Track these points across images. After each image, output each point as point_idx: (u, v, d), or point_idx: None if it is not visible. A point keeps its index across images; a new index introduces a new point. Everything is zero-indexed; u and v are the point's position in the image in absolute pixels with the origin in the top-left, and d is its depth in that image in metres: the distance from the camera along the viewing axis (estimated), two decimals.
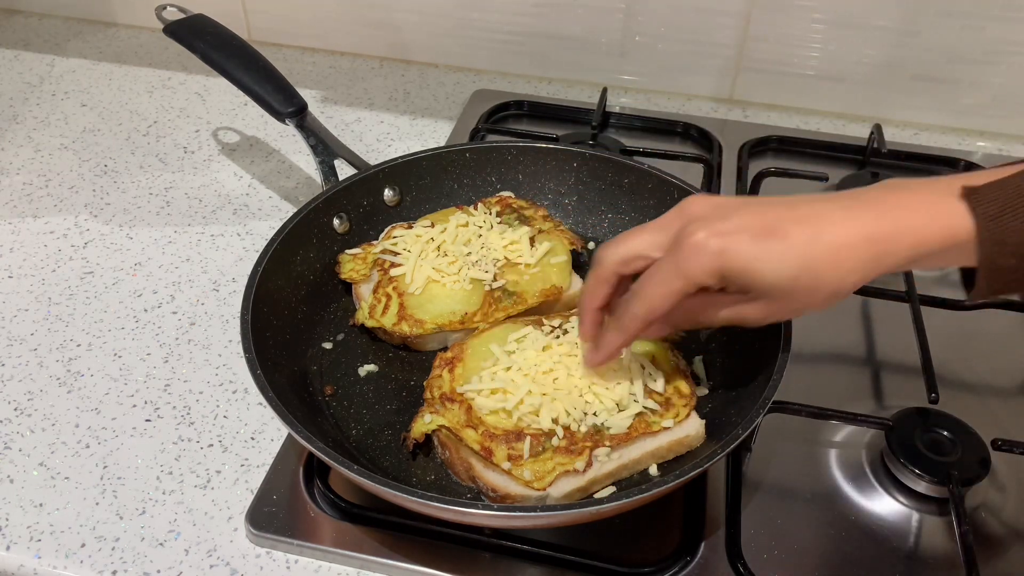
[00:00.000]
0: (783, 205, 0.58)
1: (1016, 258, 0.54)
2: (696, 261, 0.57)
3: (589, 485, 0.66)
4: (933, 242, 0.55)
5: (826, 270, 0.56)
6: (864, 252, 0.56)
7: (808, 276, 0.56)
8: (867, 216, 0.56)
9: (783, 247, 0.56)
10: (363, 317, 0.80)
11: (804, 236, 0.56)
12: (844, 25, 1.09)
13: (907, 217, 0.56)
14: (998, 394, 0.80)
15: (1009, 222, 0.53)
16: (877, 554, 0.67)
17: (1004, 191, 0.54)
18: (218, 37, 0.92)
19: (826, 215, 0.57)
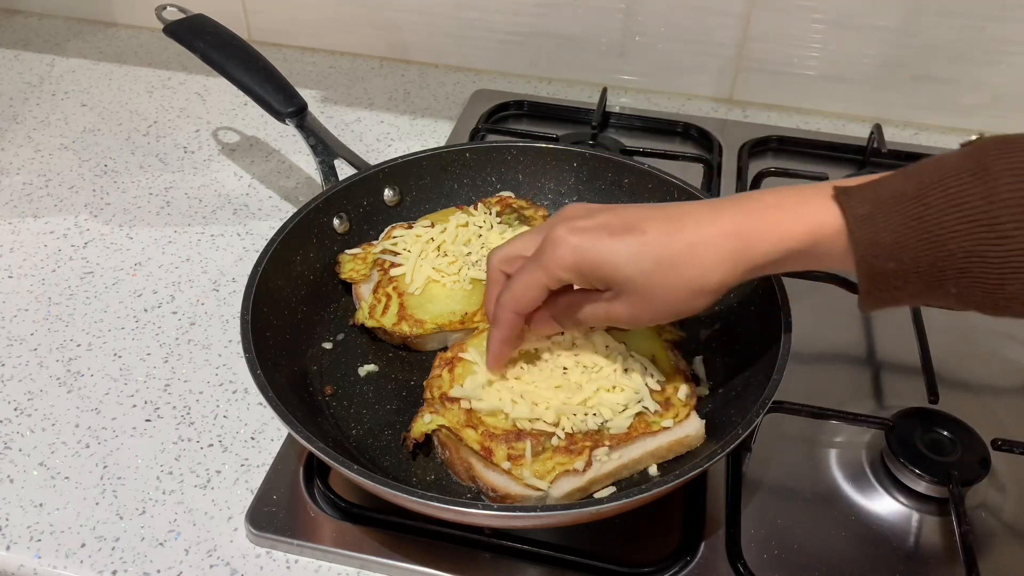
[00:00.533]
0: (652, 208, 0.60)
1: (895, 261, 0.53)
2: (553, 254, 0.59)
3: (589, 485, 0.66)
4: (798, 238, 0.56)
5: (684, 264, 0.57)
6: (724, 247, 0.57)
7: (665, 271, 0.57)
8: (732, 214, 0.57)
9: (639, 242, 0.57)
10: (363, 317, 0.80)
11: (662, 232, 0.57)
12: (844, 25, 1.09)
13: (772, 215, 0.56)
14: (998, 394, 0.80)
15: (880, 222, 0.53)
16: (877, 554, 0.67)
17: (876, 192, 0.54)
18: (218, 37, 0.92)
19: (691, 214, 0.58)
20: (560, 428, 0.67)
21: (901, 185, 0.54)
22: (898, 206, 0.53)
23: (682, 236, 0.57)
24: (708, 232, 0.57)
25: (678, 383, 0.72)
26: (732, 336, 0.78)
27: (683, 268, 0.57)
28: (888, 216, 0.53)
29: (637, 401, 0.69)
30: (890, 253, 0.53)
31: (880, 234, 0.53)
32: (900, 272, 0.54)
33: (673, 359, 0.74)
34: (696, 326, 0.82)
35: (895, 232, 0.53)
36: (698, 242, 0.57)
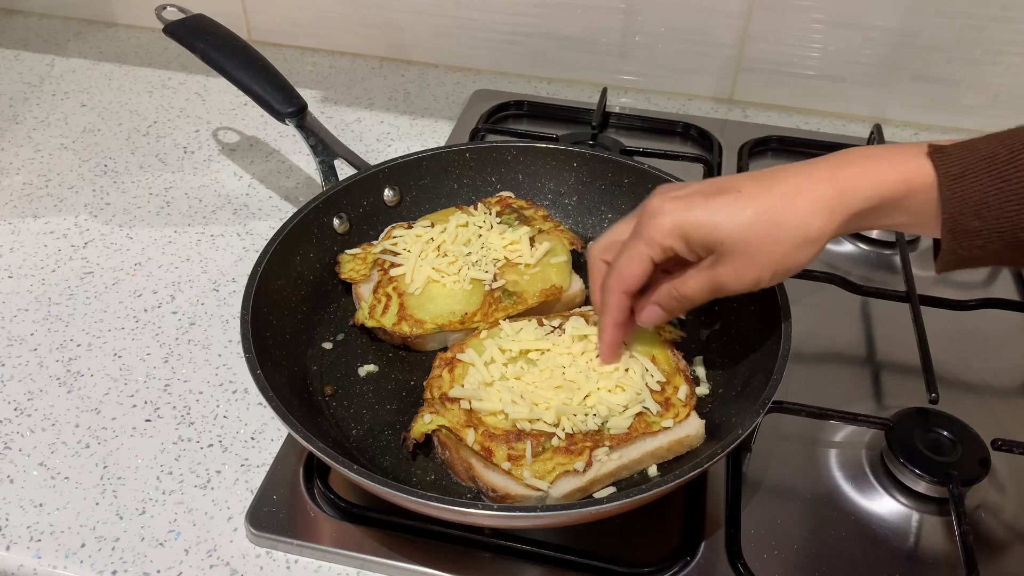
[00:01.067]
0: (744, 173, 0.62)
1: (979, 220, 0.55)
2: (654, 224, 0.60)
3: (589, 485, 0.66)
4: (893, 186, 0.57)
5: (783, 214, 0.57)
6: (821, 194, 0.57)
7: (764, 223, 0.58)
8: (827, 164, 0.59)
9: (736, 198, 0.58)
10: (363, 317, 0.80)
11: (757, 187, 0.59)
12: (844, 25, 1.09)
13: (868, 164, 0.58)
14: (998, 394, 0.80)
15: (971, 182, 0.55)
16: (877, 554, 0.67)
17: (970, 153, 0.56)
18: (218, 37, 0.92)
19: (784, 170, 0.59)
20: (560, 428, 0.67)
21: (994, 148, 0.55)
22: (989, 167, 0.55)
23: (778, 188, 0.58)
24: (804, 181, 0.58)
25: (678, 383, 0.72)
26: (732, 336, 0.78)
27: (782, 218, 0.57)
28: (978, 176, 0.55)
29: (638, 402, 0.69)
30: (976, 211, 0.55)
31: (969, 193, 0.55)
32: (984, 231, 0.55)
33: (673, 359, 0.74)
34: (696, 326, 0.82)
35: (984, 192, 0.55)
36: (794, 191, 0.58)
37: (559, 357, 0.72)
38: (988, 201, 0.55)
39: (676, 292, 0.64)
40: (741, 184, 0.59)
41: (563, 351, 0.72)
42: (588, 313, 0.77)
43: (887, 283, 0.89)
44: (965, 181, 0.55)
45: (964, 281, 0.92)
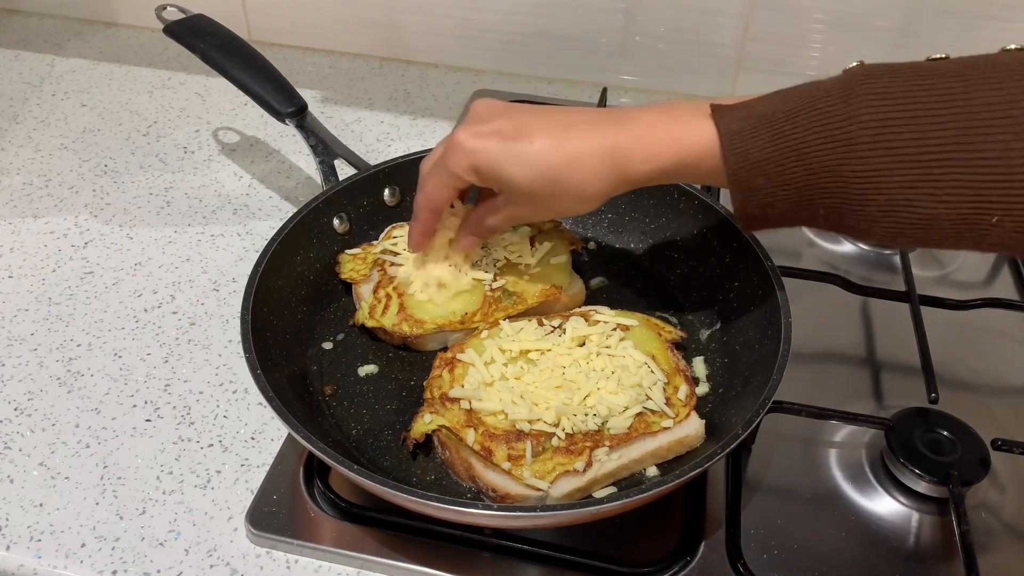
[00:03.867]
0: (544, 112, 0.65)
1: (764, 177, 0.57)
2: (454, 158, 0.65)
3: (589, 485, 0.66)
4: (668, 157, 0.60)
5: (567, 176, 0.62)
6: (602, 162, 0.61)
7: (550, 180, 0.63)
8: (611, 130, 0.61)
9: (527, 150, 0.62)
10: (363, 317, 0.80)
11: (547, 143, 0.62)
12: (844, 25, 1.09)
13: (647, 133, 0.61)
14: (998, 394, 0.80)
15: (750, 139, 0.57)
16: (877, 554, 0.67)
17: (749, 110, 0.58)
18: (218, 37, 0.92)
19: (575, 126, 0.62)
20: (560, 428, 0.67)
21: (774, 105, 0.57)
22: (769, 124, 0.56)
23: (564, 149, 0.62)
24: (587, 146, 0.61)
25: (678, 383, 0.72)
26: (732, 336, 0.78)
27: (564, 179, 0.62)
28: (757, 133, 0.57)
29: (639, 402, 0.69)
30: (759, 168, 0.57)
31: (750, 149, 0.57)
32: (769, 187, 0.57)
33: (673, 359, 0.74)
34: (696, 326, 0.82)
35: (764, 148, 0.56)
36: (577, 155, 0.62)
37: (559, 357, 0.72)
38: (769, 157, 0.56)
39: (483, 224, 0.72)
40: (534, 133, 0.62)
41: (563, 351, 0.72)
42: (588, 313, 0.77)
43: (887, 283, 0.89)
44: (744, 138, 0.57)
45: (964, 281, 0.92)
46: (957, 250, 0.75)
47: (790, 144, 0.55)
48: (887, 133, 0.53)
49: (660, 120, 0.61)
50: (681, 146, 0.60)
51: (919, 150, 0.52)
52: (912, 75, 0.54)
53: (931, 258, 0.95)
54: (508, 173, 0.63)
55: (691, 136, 0.59)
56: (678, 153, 0.60)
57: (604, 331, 0.74)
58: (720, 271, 0.82)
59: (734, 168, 0.58)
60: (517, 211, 0.68)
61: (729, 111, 0.58)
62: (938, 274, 0.93)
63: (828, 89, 0.56)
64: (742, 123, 0.57)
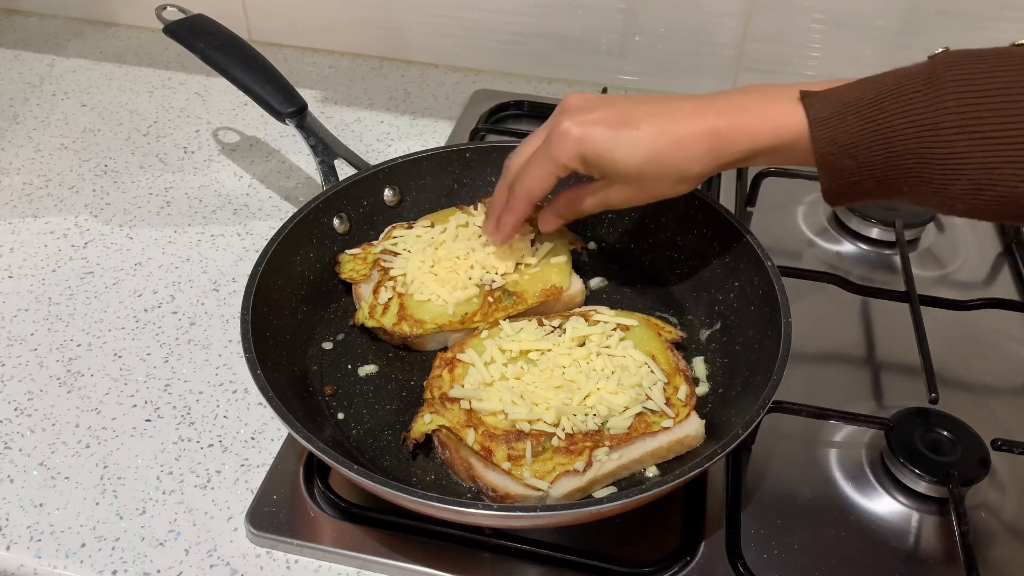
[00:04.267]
0: (644, 101, 0.68)
1: (851, 159, 0.60)
2: (561, 146, 0.67)
3: (589, 485, 0.66)
4: (764, 139, 0.64)
5: (672, 158, 0.65)
6: (704, 144, 0.65)
7: (656, 163, 0.66)
8: (710, 114, 0.65)
9: (635, 136, 0.65)
10: (363, 317, 0.80)
11: (654, 128, 0.65)
12: (844, 25, 1.09)
13: (744, 117, 0.64)
14: (998, 394, 0.80)
15: (838, 124, 0.60)
16: (877, 554, 0.67)
17: (838, 97, 0.61)
18: (218, 37, 0.92)
19: (676, 112, 0.66)
20: (560, 428, 0.67)
21: (862, 91, 0.60)
22: (856, 110, 0.59)
23: (670, 133, 0.65)
24: (691, 130, 0.65)
25: (678, 383, 0.72)
26: (732, 336, 0.78)
27: (669, 161, 0.66)
28: (845, 119, 0.60)
29: (639, 402, 0.69)
30: (847, 152, 0.60)
31: (838, 134, 0.60)
32: (856, 169, 0.60)
33: (673, 359, 0.74)
34: (696, 326, 0.82)
35: (851, 133, 0.59)
36: (682, 139, 0.65)
37: (559, 357, 0.72)
38: (856, 141, 0.59)
39: (573, 206, 0.74)
40: (640, 118, 0.66)
41: (563, 351, 0.72)
42: (588, 313, 0.77)
43: (887, 283, 0.89)
44: (833, 123, 0.60)
45: (964, 281, 0.92)
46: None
47: (877, 129, 0.58)
48: (971, 117, 0.55)
49: (755, 104, 0.64)
50: (776, 129, 0.63)
51: (1002, 133, 0.54)
52: (996, 61, 0.56)
53: (931, 258, 0.95)
54: (617, 158, 0.66)
55: (784, 120, 0.62)
56: (773, 136, 0.63)
57: (604, 331, 0.74)
58: (720, 271, 0.81)
59: (822, 152, 0.61)
60: (615, 195, 0.70)
61: (818, 97, 0.61)
62: (938, 274, 0.93)
63: (913, 76, 0.58)
64: (831, 109, 0.60)
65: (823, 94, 0.62)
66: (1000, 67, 0.55)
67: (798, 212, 1.00)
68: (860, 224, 0.96)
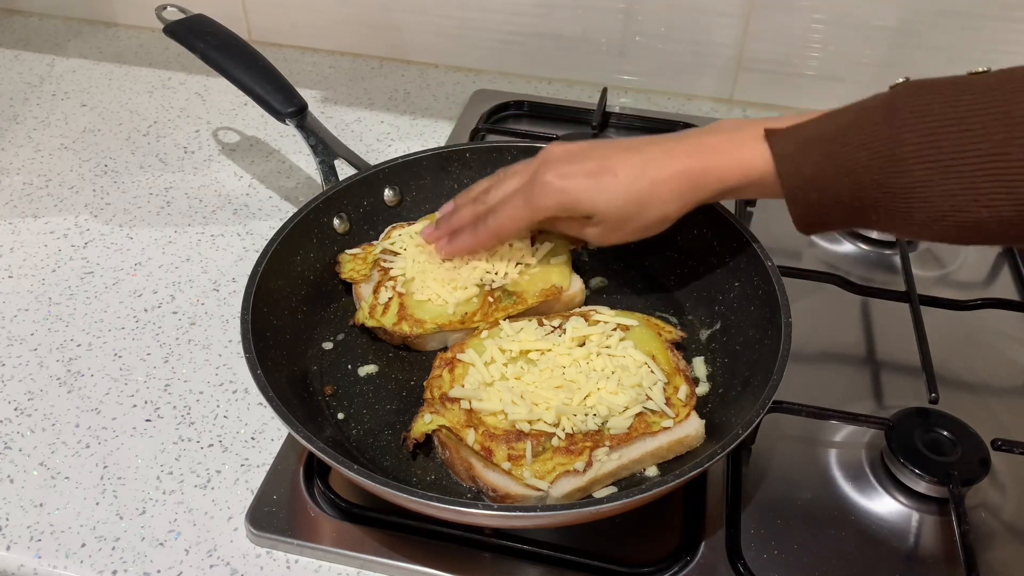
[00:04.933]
0: (620, 148, 0.71)
1: (817, 192, 0.62)
2: (543, 198, 0.70)
3: (589, 485, 0.66)
4: (734, 179, 0.66)
5: (649, 200, 0.69)
6: (678, 185, 0.68)
7: (634, 204, 0.69)
8: (681, 156, 0.68)
9: (614, 182, 0.69)
10: (363, 317, 0.80)
11: (631, 173, 0.69)
12: (844, 25, 1.09)
13: (713, 158, 0.67)
14: (998, 394, 0.80)
15: (802, 159, 0.62)
16: (877, 554, 0.67)
17: (801, 133, 0.63)
18: (218, 37, 0.92)
19: (651, 156, 0.69)
20: (560, 428, 0.67)
21: (823, 126, 0.62)
22: (819, 145, 0.62)
23: (646, 177, 0.68)
24: (665, 173, 0.68)
25: (678, 383, 0.72)
26: (732, 336, 0.78)
27: (647, 203, 0.69)
28: (808, 154, 0.62)
29: (639, 402, 0.69)
30: (812, 185, 0.62)
31: (803, 169, 0.62)
32: (823, 201, 0.62)
33: (673, 359, 0.74)
34: (696, 326, 0.82)
35: (816, 167, 0.62)
36: (658, 181, 0.68)
37: (559, 357, 0.72)
38: (820, 174, 0.61)
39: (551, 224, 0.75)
40: (617, 166, 0.69)
41: (563, 351, 0.72)
42: (588, 313, 0.77)
43: (887, 283, 0.89)
44: (796, 159, 0.62)
45: (964, 281, 0.92)
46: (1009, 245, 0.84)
47: (840, 163, 0.60)
48: (929, 148, 0.57)
49: (723, 143, 0.67)
50: (744, 168, 0.66)
51: (960, 163, 0.56)
52: (952, 90, 0.58)
53: (931, 258, 0.95)
54: (599, 203, 0.69)
55: (751, 158, 0.65)
56: (741, 175, 0.66)
57: (604, 331, 0.74)
58: (720, 271, 0.81)
59: (789, 187, 0.63)
60: (590, 232, 0.73)
61: (782, 135, 0.64)
62: (938, 274, 0.93)
63: (873, 109, 0.60)
64: (794, 145, 0.63)
65: (787, 131, 0.64)
66: (956, 97, 0.57)
67: None
68: None
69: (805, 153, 0.62)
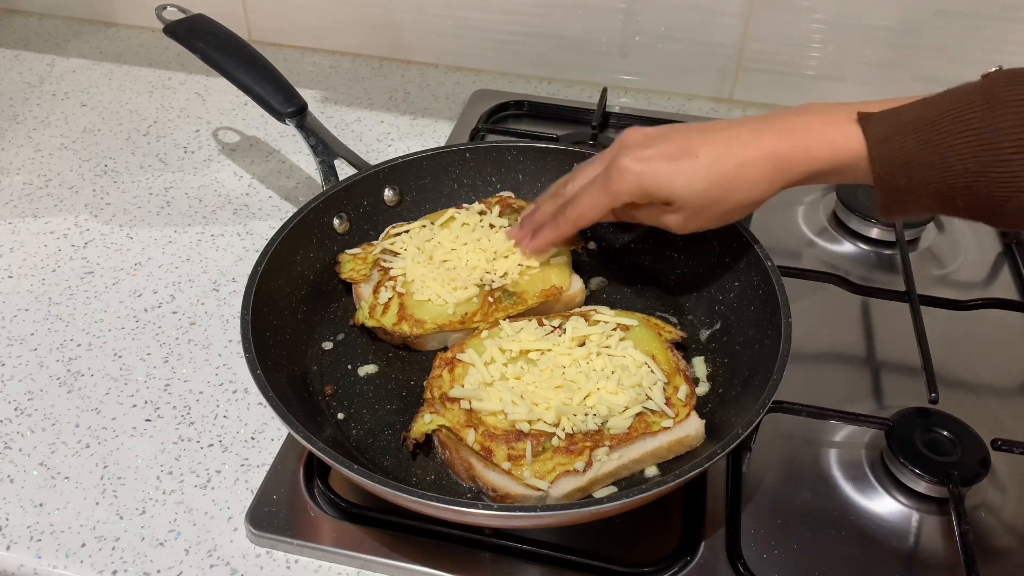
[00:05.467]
0: (701, 130, 0.69)
1: (907, 178, 0.61)
2: (620, 183, 0.69)
3: (589, 485, 0.66)
4: (825, 161, 0.64)
5: (734, 183, 0.66)
6: (766, 167, 0.66)
7: (718, 188, 0.67)
8: (771, 138, 0.66)
9: (695, 165, 0.67)
10: (363, 317, 0.80)
11: (714, 154, 0.66)
12: (844, 25, 1.09)
13: (804, 139, 0.65)
14: (998, 394, 0.80)
15: (896, 145, 0.61)
16: (877, 554, 0.67)
17: (895, 118, 0.62)
18: (218, 37, 0.92)
19: (735, 137, 0.67)
20: (560, 428, 0.67)
21: (919, 112, 0.61)
22: (914, 131, 0.60)
23: (731, 159, 0.66)
24: (752, 154, 0.66)
25: (678, 383, 0.72)
26: (732, 336, 0.78)
27: (731, 187, 0.67)
28: (903, 139, 0.60)
29: (639, 402, 0.69)
30: (903, 171, 0.61)
31: (896, 154, 0.61)
32: (912, 187, 0.61)
33: (673, 359, 0.74)
34: (696, 326, 0.82)
35: (909, 154, 0.60)
36: (744, 163, 0.66)
37: (559, 357, 0.72)
38: (913, 161, 0.60)
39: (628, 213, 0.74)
40: (699, 148, 0.67)
41: (563, 351, 0.72)
42: (588, 313, 0.77)
43: (887, 283, 0.89)
44: (891, 144, 0.61)
45: (964, 281, 0.92)
46: None
47: (935, 149, 0.59)
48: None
49: (815, 125, 0.65)
50: (835, 151, 0.64)
51: None
52: None
53: (931, 258, 0.95)
54: (678, 187, 0.67)
55: (843, 141, 0.63)
56: (833, 156, 0.64)
57: (604, 331, 0.74)
58: (720, 271, 0.81)
59: (879, 171, 0.62)
60: (669, 219, 0.71)
61: (877, 119, 0.62)
62: (938, 274, 0.93)
63: (970, 96, 0.59)
64: (889, 130, 0.61)
65: (881, 115, 0.62)
66: None
67: (798, 212, 1.00)
68: (860, 224, 0.96)
69: (900, 138, 0.61)
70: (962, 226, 0.99)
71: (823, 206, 1.00)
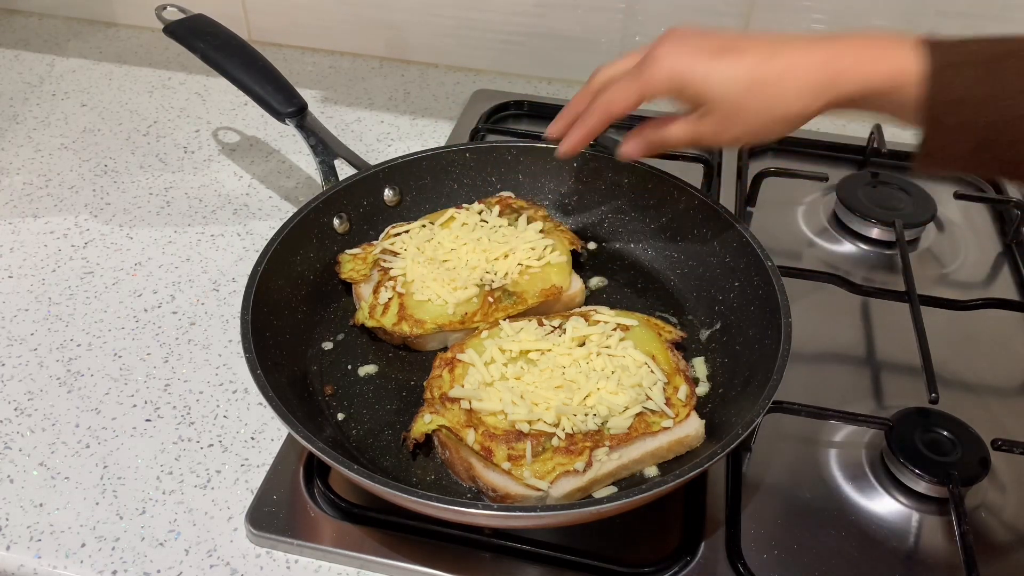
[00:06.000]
0: (754, 35, 0.64)
1: (956, 116, 0.58)
2: (653, 69, 0.65)
3: (589, 485, 0.66)
4: (878, 81, 0.60)
5: (775, 89, 0.61)
6: (813, 77, 0.61)
7: (757, 93, 0.62)
8: (825, 47, 0.61)
9: (737, 61, 0.62)
10: (363, 317, 0.80)
11: (760, 55, 0.62)
12: (844, 25, 1.09)
13: (862, 55, 0.60)
14: (998, 394, 0.80)
15: (954, 76, 0.57)
16: (877, 554, 0.67)
17: (959, 48, 0.58)
18: (218, 37, 0.92)
19: (790, 44, 0.62)
20: (560, 428, 0.67)
21: (983, 47, 0.58)
22: (974, 67, 0.57)
23: (778, 61, 0.61)
24: (801, 61, 0.61)
25: (678, 383, 0.72)
26: (732, 336, 0.78)
27: (772, 92, 0.61)
28: (962, 72, 0.57)
29: (639, 402, 0.69)
30: (955, 108, 0.57)
31: (954, 86, 0.57)
32: (960, 127, 0.58)
33: (673, 359, 0.74)
34: (696, 326, 0.82)
35: (966, 88, 0.57)
36: (790, 68, 0.61)
37: (559, 357, 0.72)
38: (966, 98, 0.57)
39: (660, 134, 0.70)
40: (747, 47, 0.62)
41: (563, 351, 0.72)
42: (588, 313, 0.77)
43: (887, 283, 0.89)
44: (949, 74, 0.57)
45: (964, 281, 0.92)
46: None
47: (990, 88, 0.56)
48: None
49: (876, 44, 0.60)
50: (893, 72, 0.59)
51: None
52: None
53: (931, 258, 0.95)
54: (715, 84, 0.62)
55: (903, 64, 0.59)
56: (889, 77, 0.59)
57: (604, 331, 0.74)
58: (720, 271, 0.82)
59: (932, 103, 0.58)
60: (703, 127, 0.66)
61: (939, 46, 0.59)
62: (938, 274, 0.93)
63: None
64: (951, 58, 0.58)
65: (945, 43, 0.59)
66: None
67: (798, 212, 1.00)
68: (860, 224, 0.96)
69: (959, 70, 0.57)
70: (962, 226, 0.99)
71: (823, 206, 1.00)
